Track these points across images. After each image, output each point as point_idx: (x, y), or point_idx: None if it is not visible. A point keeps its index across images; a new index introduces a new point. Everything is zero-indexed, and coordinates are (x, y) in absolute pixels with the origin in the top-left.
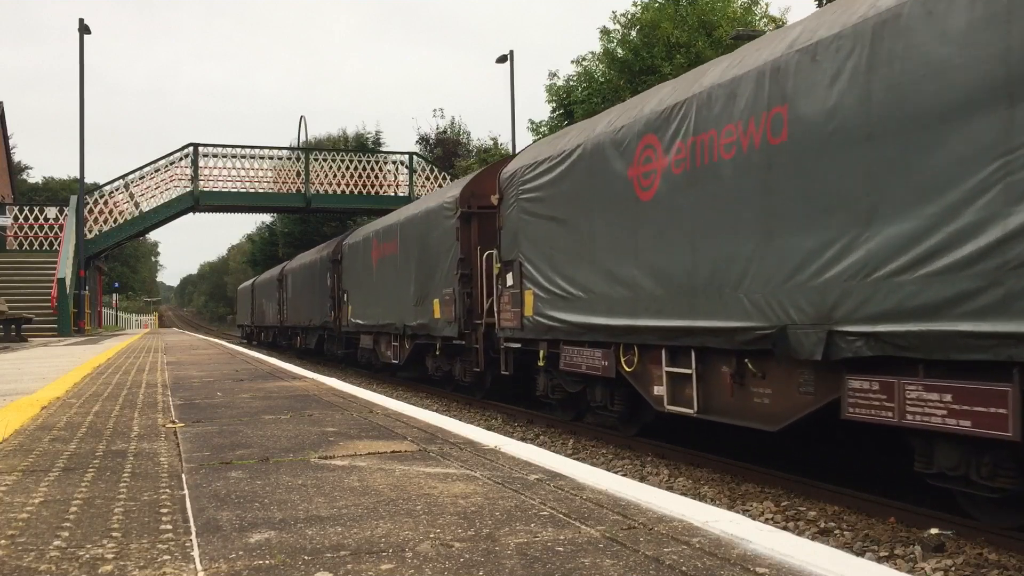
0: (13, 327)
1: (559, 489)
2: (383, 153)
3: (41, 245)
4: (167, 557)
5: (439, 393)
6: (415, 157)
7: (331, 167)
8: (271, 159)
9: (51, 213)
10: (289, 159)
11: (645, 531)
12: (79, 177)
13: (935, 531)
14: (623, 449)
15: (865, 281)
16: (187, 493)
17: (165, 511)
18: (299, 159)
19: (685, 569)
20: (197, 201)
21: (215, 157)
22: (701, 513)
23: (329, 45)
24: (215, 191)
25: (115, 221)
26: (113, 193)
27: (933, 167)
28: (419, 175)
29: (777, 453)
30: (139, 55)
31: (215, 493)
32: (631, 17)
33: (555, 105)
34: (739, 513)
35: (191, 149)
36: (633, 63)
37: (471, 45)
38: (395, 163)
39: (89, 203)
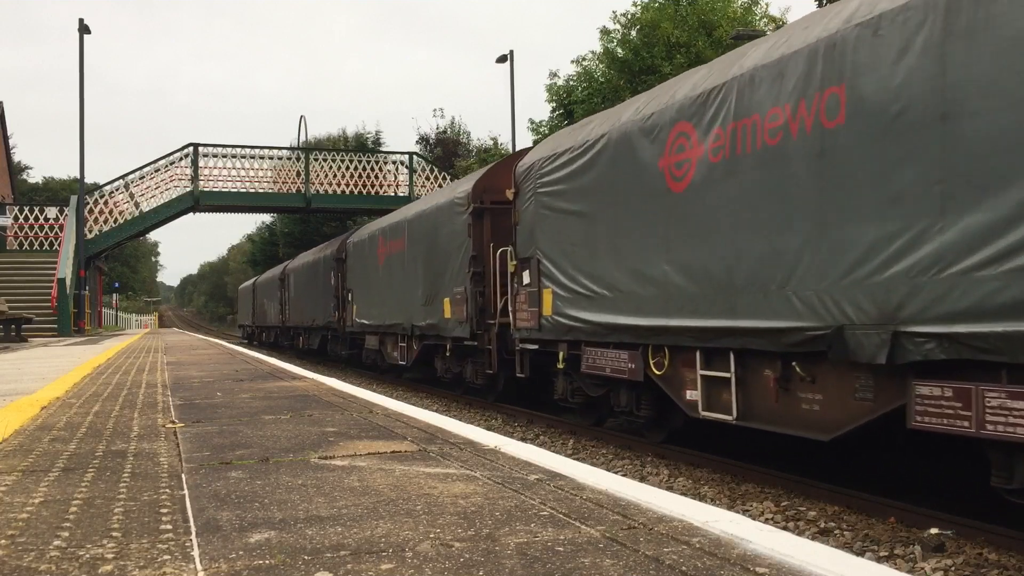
0: (13, 327)
1: (559, 489)
2: (383, 153)
3: (41, 245)
4: (167, 557)
5: (439, 393)
6: (415, 157)
7: (331, 167)
8: (271, 159)
9: (51, 213)
10: (289, 159)
11: (645, 531)
12: (79, 177)
13: (935, 531)
14: (623, 449)
15: (938, 277)
16: (187, 493)
17: (165, 511)
18: (299, 159)
19: (685, 569)
20: (197, 201)
21: (215, 157)
22: (701, 513)
23: (329, 45)
24: (215, 191)
25: (115, 221)
26: (113, 193)
27: (1019, 149)
28: (419, 175)
29: (777, 453)
30: (139, 55)
31: (215, 493)
32: (631, 17)
33: (555, 105)
34: (739, 513)
35: (191, 149)
36: (633, 63)
37: (471, 45)
38: (395, 163)
39: (89, 203)
